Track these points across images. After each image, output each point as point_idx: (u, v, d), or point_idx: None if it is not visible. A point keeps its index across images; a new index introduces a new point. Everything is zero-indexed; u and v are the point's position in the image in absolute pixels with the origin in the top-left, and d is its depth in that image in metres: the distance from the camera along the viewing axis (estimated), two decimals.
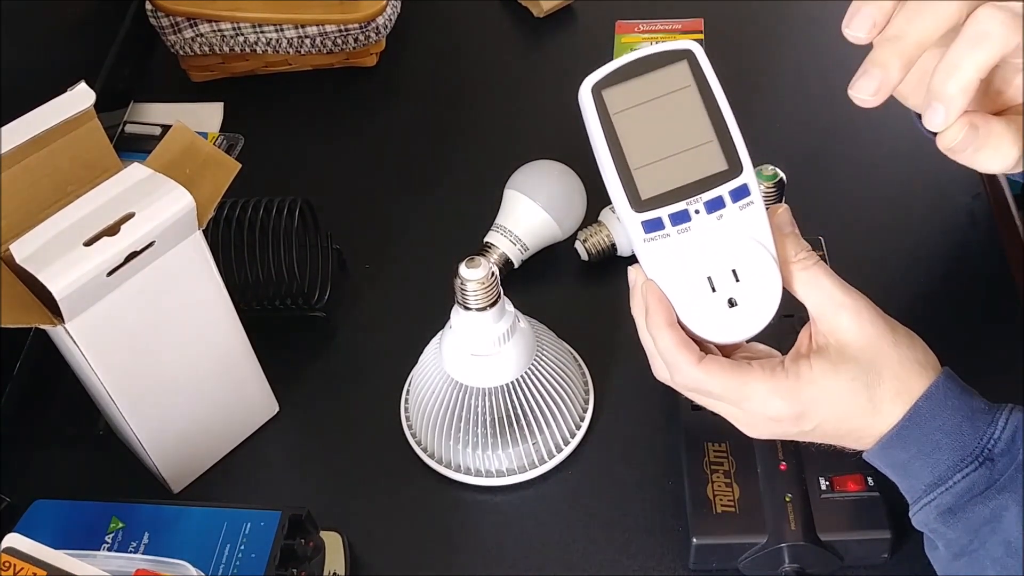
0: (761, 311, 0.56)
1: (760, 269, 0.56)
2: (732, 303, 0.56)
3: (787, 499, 0.66)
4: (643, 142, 0.55)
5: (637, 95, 0.55)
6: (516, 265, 0.85)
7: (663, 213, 0.55)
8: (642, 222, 0.56)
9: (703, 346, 0.58)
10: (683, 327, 0.57)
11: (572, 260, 0.87)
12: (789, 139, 0.95)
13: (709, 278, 0.56)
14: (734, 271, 0.56)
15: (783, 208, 0.59)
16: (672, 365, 0.58)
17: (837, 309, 0.56)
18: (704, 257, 0.56)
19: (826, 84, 0.98)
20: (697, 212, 0.56)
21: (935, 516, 0.56)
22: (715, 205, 0.56)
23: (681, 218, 0.56)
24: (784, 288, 0.57)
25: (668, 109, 0.55)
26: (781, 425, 0.58)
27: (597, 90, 0.55)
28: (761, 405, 0.57)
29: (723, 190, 0.55)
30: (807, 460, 0.67)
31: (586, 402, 0.77)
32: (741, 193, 0.56)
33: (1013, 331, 0.78)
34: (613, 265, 0.86)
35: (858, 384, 0.56)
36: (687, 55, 0.56)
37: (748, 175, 0.56)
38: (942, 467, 0.55)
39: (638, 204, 0.55)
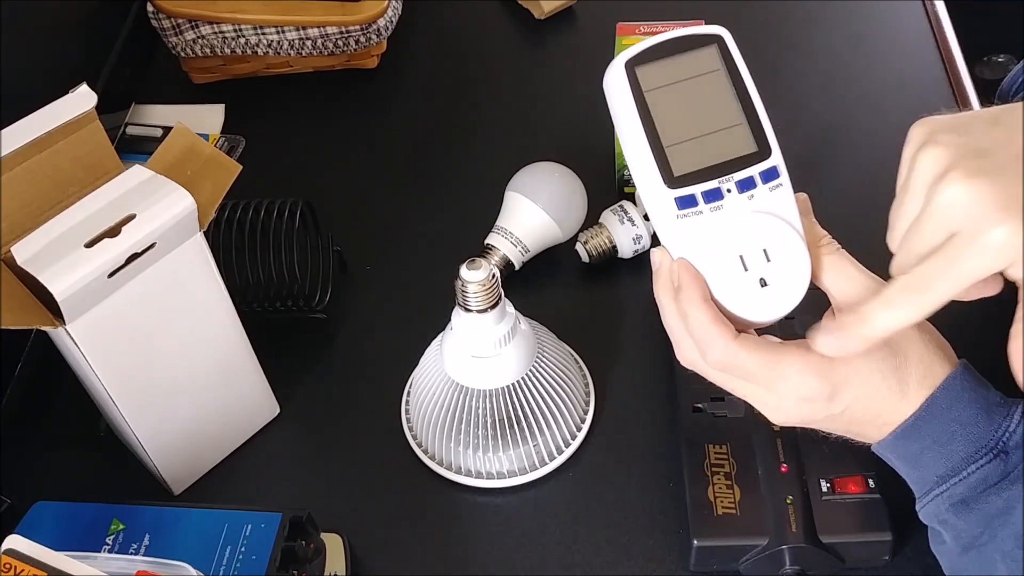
0: (791, 291, 0.57)
1: (790, 250, 0.56)
2: (763, 283, 0.56)
3: (788, 501, 0.66)
4: (675, 120, 0.56)
5: (669, 74, 0.56)
6: (517, 267, 0.85)
7: (696, 190, 0.56)
8: (676, 198, 0.56)
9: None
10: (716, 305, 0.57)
11: (573, 262, 0.86)
12: (789, 139, 0.94)
13: (741, 257, 0.56)
14: (765, 251, 0.56)
15: (803, 196, 0.59)
16: (705, 341, 0.57)
17: (864, 294, 0.56)
18: (736, 236, 0.56)
19: (826, 84, 0.98)
20: (729, 191, 0.56)
21: (947, 507, 0.56)
22: (746, 185, 0.56)
23: (714, 196, 0.56)
24: None
25: (698, 90, 0.56)
26: (812, 405, 0.57)
27: (631, 66, 0.56)
28: (795, 384, 0.57)
29: (754, 171, 0.56)
30: (808, 462, 0.67)
31: (587, 404, 0.77)
32: (771, 175, 0.56)
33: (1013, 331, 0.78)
34: (614, 267, 0.86)
35: (887, 365, 0.56)
36: (717, 40, 0.57)
37: (777, 158, 0.56)
38: (956, 458, 0.55)
39: (672, 180, 0.56)
